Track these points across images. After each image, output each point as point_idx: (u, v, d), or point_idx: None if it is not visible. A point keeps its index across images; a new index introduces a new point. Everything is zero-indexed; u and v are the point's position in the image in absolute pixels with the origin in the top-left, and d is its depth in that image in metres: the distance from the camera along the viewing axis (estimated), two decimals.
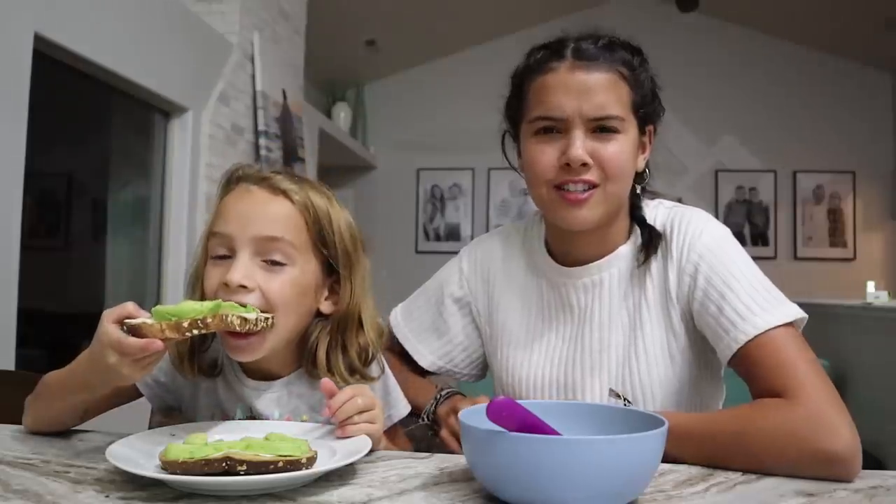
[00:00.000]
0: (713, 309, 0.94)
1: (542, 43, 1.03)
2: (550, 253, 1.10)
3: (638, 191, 1.07)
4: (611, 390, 1.02)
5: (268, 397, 0.94)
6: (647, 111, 1.03)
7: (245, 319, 0.79)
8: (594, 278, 1.06)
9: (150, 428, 0.98)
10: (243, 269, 0.86)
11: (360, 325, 0.95)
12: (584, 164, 0.96)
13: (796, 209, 5.60)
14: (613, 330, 1.04)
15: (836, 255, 5.55)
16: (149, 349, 0.73)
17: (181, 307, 0.76)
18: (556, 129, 0.98)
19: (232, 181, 0.94)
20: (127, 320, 0.75)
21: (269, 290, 0.87)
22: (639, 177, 1.05)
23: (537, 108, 0.99)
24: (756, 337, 0.89)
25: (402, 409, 1.03)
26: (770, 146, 5.56)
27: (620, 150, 0.98)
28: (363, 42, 5.21)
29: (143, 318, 0.75)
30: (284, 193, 0.90)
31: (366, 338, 0.95)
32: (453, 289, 1.18)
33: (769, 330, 0.89)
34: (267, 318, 0.83)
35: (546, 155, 0.98)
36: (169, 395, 0.99)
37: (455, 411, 1.03)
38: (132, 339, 0.73)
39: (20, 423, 0.93)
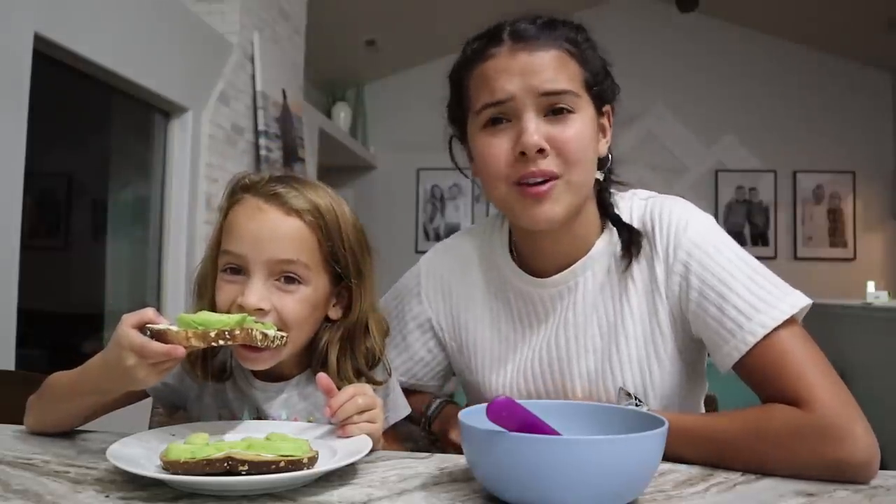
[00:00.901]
0: (713, 311, 0.88)
1: (477, 34, 0.96)
2: (518, 261, 1.03)
3: (600, 178, 0.98)
4: (621, 389, 0.96)
5: (276, 399, 0.95)
6: (601, 89, 0.95)
7: (265, 335, 0.82)
8: (569, 284, 0.99)
9: (150, 428, 0.98)
10: (258, 292, 0.87)
11: (367, 330, 0.96)
12: (541, 151, 0.87)
13: (796, 209, 5.60)
14: (589, 335, 0.98)
15: (836, 255, 5.55)
16: (172, 354, 0.74)
17: (205, 317, 0.77)
18: (505, 117, 0.90)
19: (237, 191, 0.93)
20: (150, 325, 0.75)
21: (284, 310, 0.88)
22: (601, 163, 0.97)
23: (481, 96, 0.91)
24: (762, 340, 0.84)
25: (401, 411, 1.03)
26: (770, 146, 5.56)
27: (578, 132, 0.90)
28: (363, 42, 5.21)
29: (165, 324, 0.76)
30: (297, 213, 0.89)
31: (372, 342, 0.96)
32: (412, 305, 1.12)
33: (775, 329, 0.84)
34: (283, 337, 0.85)
35: (498, 148, 0.90)
36: (175, 397, 0.99)
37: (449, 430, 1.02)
38: (156, 344, 0.74)
39: (20, 423, 0.93)
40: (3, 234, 1.95)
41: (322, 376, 0.86)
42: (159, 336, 0.74)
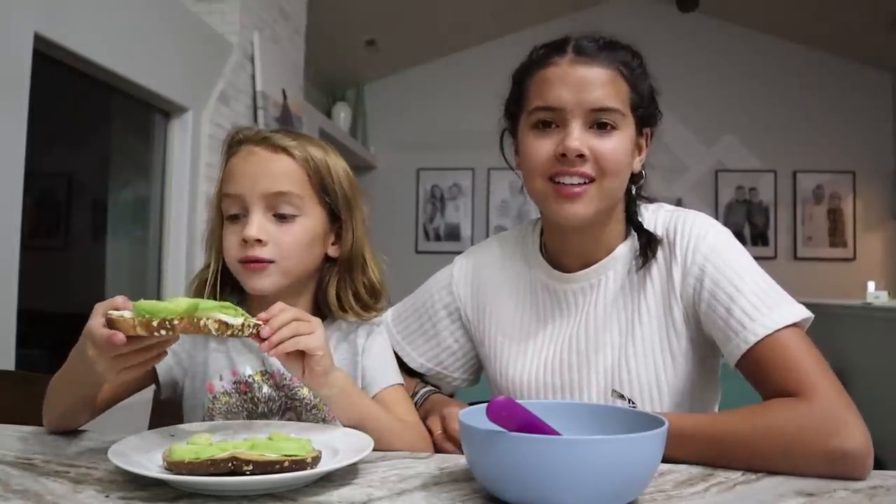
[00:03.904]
0: (722, 310, 0.93)
1: (545, 42, 1.04)
2: (547, 258, 1.10)
3: (634, 192, 1.06)
4: (613, 391, 1.01)
5: None
6: (645, 112, 1.04)
7: (227, 324, 0.75)
8: (592, 282, 1.06)
9: (150, 428, 0.98)
10: (257, 224, 0.94)
11: (365, 263, 1.02)
12: (581, 156, 0.96)
13: (796, 209, 5.60)
14: (608, 331, 1.03)
15: (836, 255, 5.55)
16: (112, 341, 0.71)
17: (157, 304, 0.74)
18: (554, 122, 0.98)
19: (233, 144, 1.01)
20: (110, 312, 0.74)
21: (283, 242, 0.95)
22: (634, 178, 1.05)
23: (536, 99, 1.00)
24: (765, 337, 0.88)
25: (391, 378, 1.02)
26: (770, 146, 5.57)
27: (617, 146, 0.98)
28: (363, 42, 5.21)
29: (124, 311, 0.74)
30: (285, 150, 0.97)
31: (371, 274, 1.02)
32: (442, 294, 1.18)
33: (778, 330, 0.88)
34: (257, 326, 0.79)
35: (543, 147, 0.98)
36: (178, 367, 1.00)
37: (436, 417, 1.02)
38: (102, 329, 0.73)
39: (20, 423, 0.93)
40: (3, 234, 1.95)
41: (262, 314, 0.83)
42: (112, 324, 0.72)
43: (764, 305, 0.91)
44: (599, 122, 0.97)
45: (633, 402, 1.00)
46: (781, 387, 0.85)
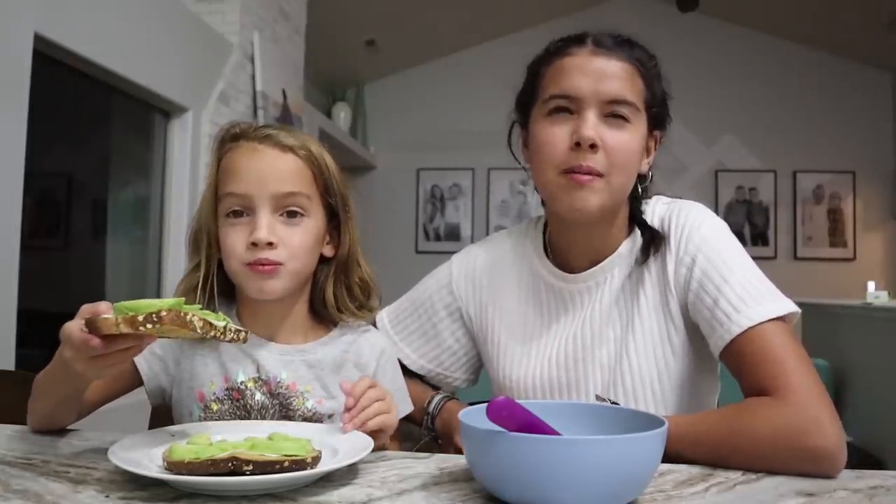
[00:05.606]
0: (708, 300, 0.94)
1: (562, 36, 1.04)
2: (551, 257, 1.10)
3: (639, 192, 1.06)
4: (597, 396, 1.02)
5: (278, 358, 0.96)
6: (658, 112, 1.03)
7: (210, 324, 0.74)
8: (598, 280, 1.05)
9: (150, 428, 0.98)
10: (267, 226, 0.92)
11: (358, 262, 1.02)
12: (594, 146, 0.95)
13: (796, 209, 5.60)
14: (609, 325, 1.03)
15: (836, 255, 5.55)
16: (89, 344, 0.71)
17: (140, 303, 0.73)
18: (569, 109, 0.98)
19: (228, 139, 0.97)
20: (88, 317, 0.73)
21: (292, 244, 0.93)
22: (641, 179, 1.05)
23: (552, 87, 0.99)
24: (748, 330, 0.89)
25: (402, 408, 1.03)
26: (770, 146, 5.56)
27: (629, 140, 0.98)
28: (363, 42, 5.21)
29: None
30: (291, 150, 0.95)
31: (364, 273, 1.02)
32: (442, 294, 1.17)
33: (762, 323, 0.89)
34: (239, 332, 0.78)
35: (556, 136, 0.98)
36: (164, 374, 0.98)
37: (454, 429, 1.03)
38: (78, 333, 0.72)
39: (20, 423, 0.93)
40: (3, 234, 1.95)
41: (344, 381, 0.89)
42: (93, 325, 0.71)
43: (750, 298, 0.91)
44: (614, 114, 0.97)
45: (615, 403, 1.00)
46: (759, 381, 0.86)
